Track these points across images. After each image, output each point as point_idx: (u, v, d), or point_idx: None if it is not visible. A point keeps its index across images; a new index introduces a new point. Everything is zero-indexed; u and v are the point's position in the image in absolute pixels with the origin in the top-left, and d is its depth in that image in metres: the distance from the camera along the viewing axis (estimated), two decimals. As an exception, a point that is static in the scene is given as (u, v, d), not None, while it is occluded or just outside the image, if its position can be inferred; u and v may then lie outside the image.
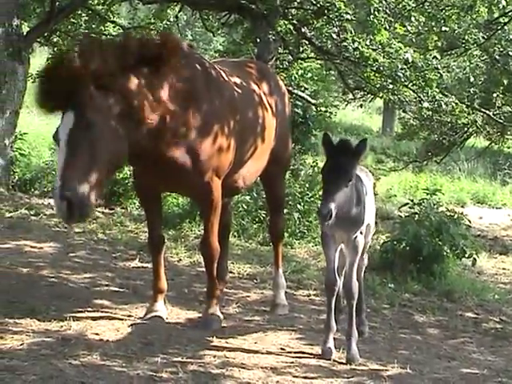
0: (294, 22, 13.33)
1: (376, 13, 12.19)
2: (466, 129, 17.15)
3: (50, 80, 6.24)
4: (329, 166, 6.19)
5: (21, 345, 6.18)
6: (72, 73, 6.11)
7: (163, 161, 6.69)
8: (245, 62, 8.56)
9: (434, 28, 14.68)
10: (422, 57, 12.74)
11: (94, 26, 15.75)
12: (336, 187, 6.04)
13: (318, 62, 15.91)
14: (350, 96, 21.21)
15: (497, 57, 16.85)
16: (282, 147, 8.09)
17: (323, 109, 16.07)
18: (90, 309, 7.36)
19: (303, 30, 13.58)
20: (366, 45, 12.43)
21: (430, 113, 14.99)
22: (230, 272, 9.07)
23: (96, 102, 6.14)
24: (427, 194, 11.16)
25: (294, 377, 6.17)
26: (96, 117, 6.13)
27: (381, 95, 14.69)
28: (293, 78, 14.67)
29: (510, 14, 15.28)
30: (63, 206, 6.03)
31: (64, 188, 6.00)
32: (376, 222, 7.62)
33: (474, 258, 10.43)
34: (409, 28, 14.27)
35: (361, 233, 6.59)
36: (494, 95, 17.80)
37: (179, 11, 17.15)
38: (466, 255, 10.41)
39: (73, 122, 6.10)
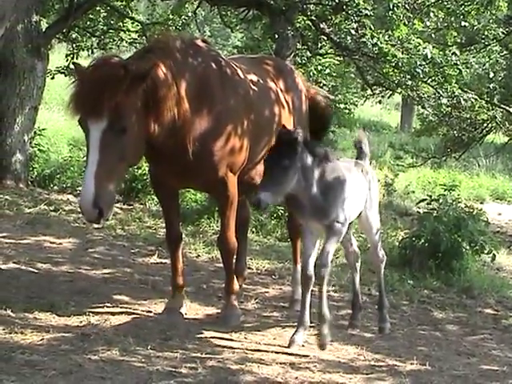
0: (313, 17, 13.29)
1: (395, 8, 12.14)
2: (485, 125, 17.06)
3: (89, 83, 6.24)
4: (265, 158, 6.45)
5: (40, 340, 6.22)
6: (110, 77, 6.15)
7: (178, 157, 6.70)
8: (262, 59, 8.54)
9: (454, 23, 14.61)
10: (441, 52, 12.66)
11: (112, 22, 15.78)
12: (268, 177, 6.19)
13: (337, 57, 15.87)
14: (369, 92, 21.13)
15: (517, 52, 16.79)
16: None
17: (342, 105, 16.07)
18: (109, 304, 7.39)
19: (322, 25, 13.53)
20: (384, 40, 12.37)
21: (449, 109, 14.95)
22: (249, 268, 9.08)
23: (131, 107, 6.18)
24: (445, 189, 11.12)
25: (313, 372, 6.17)
26: (129, 122, 6.17)
27: (399, 91, 14.64)
28: (311, 73, 14.63)
29: (530, 9, 15.19)
30: (95, 212, 6.09)
31: (98, 197, 6.04)
32: (380, 220, 7.59)
33: (494, 254, 10.37)
34: (428, 24, 14.21)
35: (338, 223, 6.55)
36: (514, 91, 17.71)
37: (197, 7, 17.12)
38: (485, 251, 10.35)
39: (107, 126, 6.10)
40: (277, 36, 13.74)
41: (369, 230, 7.36)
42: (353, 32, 12.84)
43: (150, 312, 7.35)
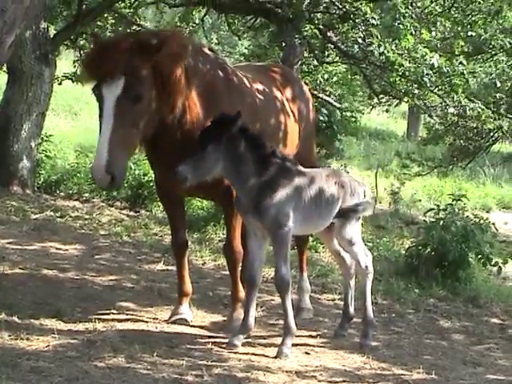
0: (320, 26, 13.30)
1: (402, 18, 12.15)
2: (491, 134, 17.06)
3: (107, 47, 6.33)
4: (199, 133, 6.47)
5: (47, 346, 6.22)
6: (130, 44, 6.25)
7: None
8: (269, 67, 8.56)
9: (461, 33, 14.60)
10: (447, 62, 12.66)
11: (120, 28, 15.80)
12: (193, 156, 6.26)
13: (344, 66, 15.89)
14: (376, 100, 21.14)
15: (523, 62, 16.76)
16: (306, 152, 8.10)
17: (348, 113, 16.07)
18: (115, 311, 7.40)
19: (329, 34, 13.54)
20: (391, 49, 12.37)
21: (456, 118, 14.92)
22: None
23: (146, 76, 6.23)
24: (452, 199, 11.11)
25: (319, 381, 6.17)
26: (145, 90, 6.21)
27: (406, 100, 14.64)
28: (318, 82, 14.66)
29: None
30: (107, 178, 6.12)
31: (111, 163, 6.08)
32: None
33: (500, 267, 10.34)
34: (435, 33, 14.21)
35: (279, 227, 6.48)
36: (521, 101, 17.69)
37: (205, 14, 17.14)
38: (492, 262, 10.34)
39: (121, 92, 6.15)
40: (284, 44, 13.77)
41: (346, 243, 7.09)
42: (360, 41, 12.84)
43: (156, 319, 7.35)
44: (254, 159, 6.47)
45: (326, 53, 15.07)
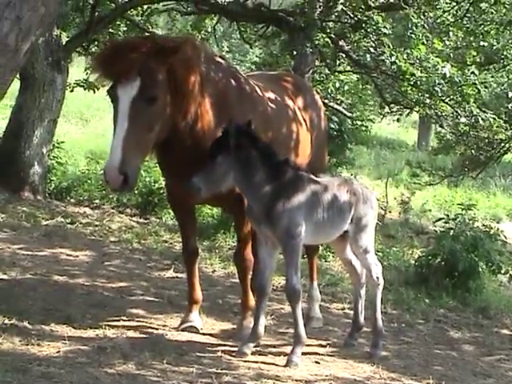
0: (332, 35, 13.31)
1: (414, 28, 12.16)
2: (502, 144, 16.98)
3: (122, 48, 6.37)
4: (210, 146, 6.49)
5: (57, 352, 6.23)
6: (146, 46, 6.29)
7: (196, 171, 6.72)
8: (281, 76, 8.57)
9: (473, 43, 14.61)
10: (459, 72, 12.66)
11: (132, 36, 15.84)
12: (204, 169, 6.30)
13: (355, 75, 15.89)
14: (386, 110, 21.13)
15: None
16: (317, 161, 8.10)
17: (359, 122, 16.06)
18: (125, 318, 7.41)
19: (340, 43, 13.54)
20: (403, 59, 12.37)
21: (467, 128, 14.89)
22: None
23: (162, 78, 6.25)
24: (462, 209, 11.09)
25: (329, 390, 6.16)
26: (160, 93, 6.23)
27: (417, 109, 14.62)
28: (329, 90, 14.67)
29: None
30: (120, 179, 6.11)
31: (124, 164, 6.07)
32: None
33: (511, 275, 10.33)
34: (447, 43, 14.21)
35: (290, 236, 6.49)
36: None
37: (217, 22, 17.18)
38: (502, 271, 10.32)
39: (137, 93, 6.16)
40: (295, 53, 13.79)
41: (359, 253, 7.09)
42: (371, 50, 12.84)
43: (166, 326, 7.35)
44: (265, 168, 6.48)
45: (338, 62, 15.08)
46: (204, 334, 7.22)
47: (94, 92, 14.03)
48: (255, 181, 6.46)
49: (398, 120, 26.60)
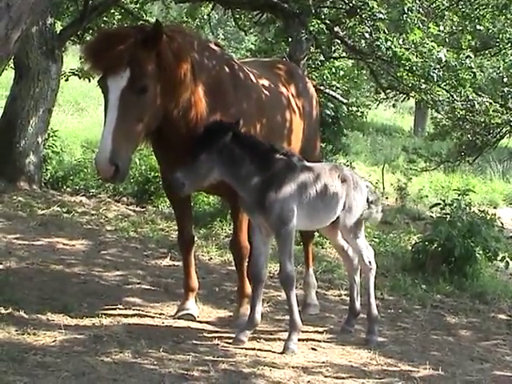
0: (327, 21, 13.24)
1: (409, 12, 12.09)
2: (499, 129, 16.97)
3: (111, 38, 6.34)
4: (195, 141, 6.48)
5: (53, 341, 6.23)
6: (135, 36, 6.26)
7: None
8: (275, 63, 8.54)
9: (468, 27, 14.54)
10: (455, 56, 12.61)
11: (126, 24, 15.78)
12: (188, 165, 6.33)
13: (351, 61, 15.84)
14: (382, 95, 21.09)
15: (531, 56, 16.68)
16: (309, 149, 8.09)
17: (355, 108, 16.02)
18: (121, 306, 7.40)
19: (335, 29, 13.48)
20: (398, 44, 12.32)
21: (463, 112, 14.85)
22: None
23: (151, 67, 6.23)
24: (459, 194, 11.08)
25: (325, 377, 6.17)
26: (150, 83, 6.21)
27: (413, 95, 14.59)
28: (324, 77, 14.61)
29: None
30: (111, 169, 6.10)
31: (115, 154, 6.07)
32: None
33: (507, 262, 10.32)
34: (442, 27, 14.15)
35: (283, 223, 6.48)
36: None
37: (211, 10, 17.14)
38: (499, 258, 10.33)
39: (126, 84, 6.15)
40: (290, 39, 13.73)
41: (349, 238, 7.11)
42: (367, 35, 12.78)
43: (163, 314, 7.36)
44: (252, 159, 6.47)
45: (333, 48, 15.03)
46: (200, 322, 7.23)
47: (89, 81, 13.98)
48: (243, 173, 6.47)
49: (393, 106, 26.59)
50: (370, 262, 7.18)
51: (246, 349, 6.55)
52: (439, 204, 11.00)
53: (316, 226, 7.30)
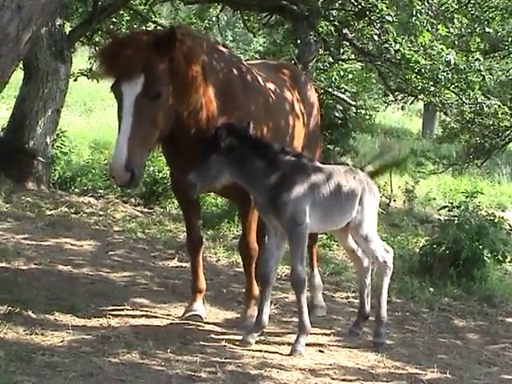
0: (335, 23, 13.27)
1: (418, 14, 12.09)
2: (508, 132, 16.94)
3: (124, 44, 6.34)
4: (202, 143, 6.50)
5: (61, 342, 6.24)
6: (148, 41, 6.26)
7: (198, 159, 6.72)
8: (280, 67, 8.49)
9: (477, 30, 14.52)
10: (464, 59, 12.61)
11: (135, 25, 15.81)
12: (199, 167, 6.35)
13: (359, 63, 15.83)
14: (391, 98, 21.06)
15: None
16: (310, 155, 8.07)
17: (363, 111, 16.00)
18: (129, 307, 7.41)
19: (344, 31, 13.49)
20: (407, 46, 12.32)
21: (472, 115, 14.84)
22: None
23: (164, 73, 6.24)
24: (466, 196, 11.05)
25: (333, 379, 6.16)
26: (164, 88, 6.23)
27: (422, 97, 14.57)
28: (333, 79, 14.61)
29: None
30: (127, 176, 6.12)
31: (131, 161, 6.08)
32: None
33: (515, 264, 10.31)
34: (451, 30, 14.14)
35: (296, 224, 6.47)
36: (538, 98, 17.57)
37: (220, 11, 17.16)
38: (507, 261, 10.29)
39: (141, 90, 6.16)
40: (299, 41, 13.74)
41: (360, 241, 7.05)
42: (375, 38, 12.79)
43: (170, 316, 7.36)
44: (262, 160, 6.47)
45: (342, 50, 15.04)
46: (208, 323, 7.23)
47: (98, 82, 14.00)
48: (255, 174, 6.47)
49: (402, 108, 26.55)
50: (385, 262, 7.10)
51: (253, 350, 6.55)
52: (447, 207, 10.98)
53: (331, 227, 7.25)
